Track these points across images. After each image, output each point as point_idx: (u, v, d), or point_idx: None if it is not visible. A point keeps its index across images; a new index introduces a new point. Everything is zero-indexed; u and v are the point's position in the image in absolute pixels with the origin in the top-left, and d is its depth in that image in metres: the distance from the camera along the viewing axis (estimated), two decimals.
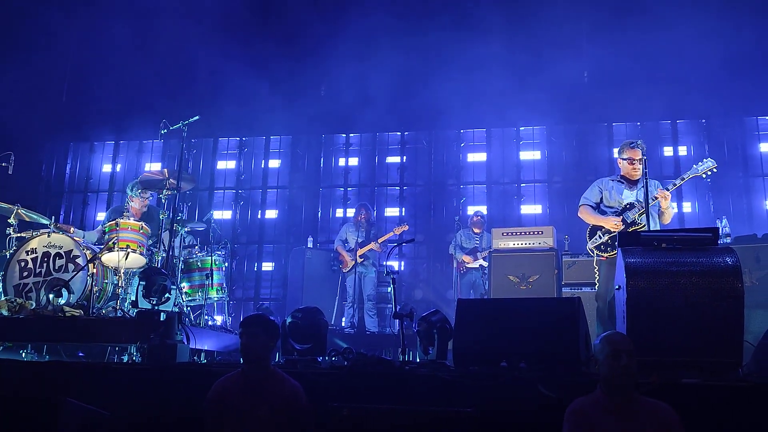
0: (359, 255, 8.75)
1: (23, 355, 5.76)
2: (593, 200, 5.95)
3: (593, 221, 5.86)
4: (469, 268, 8.63)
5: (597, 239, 5.79)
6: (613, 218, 5.73)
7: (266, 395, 3.50)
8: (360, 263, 8.78)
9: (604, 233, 5.76)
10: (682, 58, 9.25)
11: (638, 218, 5.62)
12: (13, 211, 6.54)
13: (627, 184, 5.87)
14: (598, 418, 3.11)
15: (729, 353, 3.77)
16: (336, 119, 11.01)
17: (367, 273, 8.86)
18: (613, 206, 5.84)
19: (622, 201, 5.81)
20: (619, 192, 5.85)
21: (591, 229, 5.89)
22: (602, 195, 5.93)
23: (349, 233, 9.03)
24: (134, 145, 12.22)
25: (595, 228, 5.84)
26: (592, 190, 6.00)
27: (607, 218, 5.76)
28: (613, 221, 5.70)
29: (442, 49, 10.00)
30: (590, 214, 5.89)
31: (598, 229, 5.82)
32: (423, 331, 4.60)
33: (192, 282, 7.01)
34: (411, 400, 3.72)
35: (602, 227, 5.79)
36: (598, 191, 5.95)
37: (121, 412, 3.77)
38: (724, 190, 9.87)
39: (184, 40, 10.20)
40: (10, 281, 6.24)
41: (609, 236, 5.71)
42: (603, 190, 5.93)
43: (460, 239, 8.89)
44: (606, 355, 3.14)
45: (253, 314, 3.83)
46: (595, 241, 5.80)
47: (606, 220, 5.76)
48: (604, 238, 5.75)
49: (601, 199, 5.93)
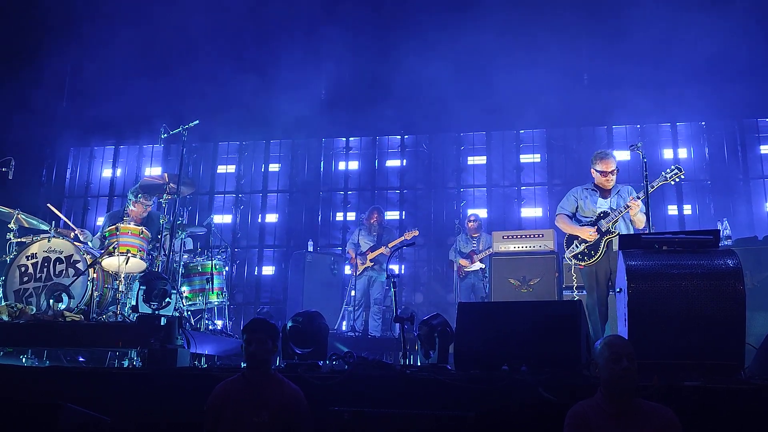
0: (370, 259, 8.72)
1: (24, 360, 5.75)
2: (569, 210, 6.00)
3: (569, 231, 5.91)
4: (468, 272, 8.62)
5: (574, 248, 5.85)
6: (588, 228, 5.78)
7: (267, 399, 3.50)
8: (371, 267, 8.76)
9: (581, 242, 5.81)
10: (681, 60, 9.25)
11: (612, 226, 5.70)
12: (14, 216, 6.55)
13: (601, 192, 5.92)
14: (599, 421, 3.10)
15: (731, 356, 3.76)
16: (336, 123, 11.02)
17: (378, 277, 8.82)
18: (588, 215, 5.90)
19: (596, 210, 5.86)
20: (593, 201, 5.90)
21: (568, 238, 5.95)
22: (578, 204, 5.97)
23: (361, 237, 8.97)
24: (134, 149, 12.23)
25: (572, 237, 5.90)
26: (568, 200, 6.06)
27: (582, 228, 5.82)
28: (588, 231, 5.76)
29: (441, 52, 10.00)
30: (567, 223, 5.94)
31: (575, 238, 5.87)
32: (424, 335, 4.59)
33: (192, 286, 7.00)
34: (412, 404, 3.71)
35: (578, 237, 5.83)
36: (574, 200, 6.01)
37: (121, 417, 3.76)
38: (725, 193, 9.88)
39: (183, 45, 10.22)
40: (11, 286, 6.23)
41: (585, 245, 5.77)
42: (578, 199, 5.98)
43: (458, 244, 8.91)
44: (606, 358, 3.14)
45: (256, 319, 3.80)
46: (572, 250, 5.86)
47: (581, 230, 5.81)
48: (580, 247, 5.80)
49: (577, 208, 5.97)
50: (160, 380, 4.32)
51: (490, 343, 4.11)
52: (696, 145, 10.45)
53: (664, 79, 9.54)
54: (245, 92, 10.39)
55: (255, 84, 10.35)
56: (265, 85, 10.48)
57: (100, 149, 12.39)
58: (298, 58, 10.73)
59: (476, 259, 8.60)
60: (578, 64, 10.18)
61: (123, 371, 5.31)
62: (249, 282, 11.43)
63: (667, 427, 3.05)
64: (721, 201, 9.83)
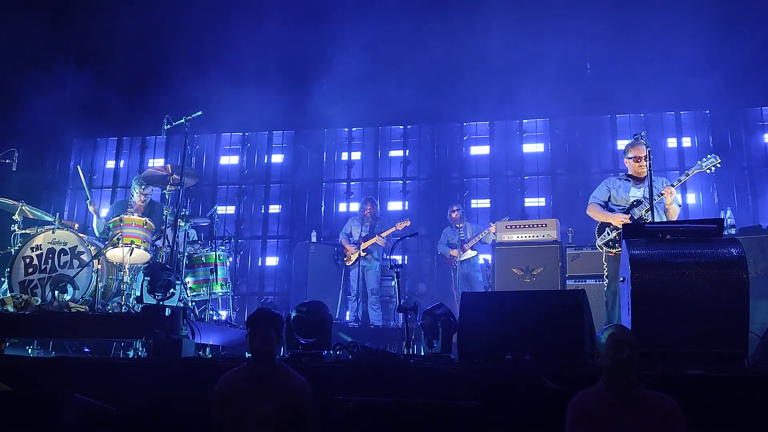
0: (362, 249, 8.75)
1: (29, 351, 5.80)
2: (602, 199, 6.07)
3: (601, 218, 5.96)
4: (462, 261, 8.62)
5: (605, 236, 5.89)
6: (621, 215, 5.82)
7: (272, 390, 3.52)
8: (363, 257, 8.79)
9: (612, 230, 5.85)
10: (685, 48, 9.19)
11: (645, 214, 5.71)
12: (18, 208, 6.56)
13: (634, 182, 5.97)
14: (601, 410, 3.12)
15: (734, 344, 3.76)
16: (338, 113, 11.00)
17: (371, 267, 8.86)
18: (621, 204, 5.95)
19: (629, 199, 5.91)
20: (626, 190, 5.96)
21: (600, 226, 6.00)
22: (610, 194, 6.04)
23: (353, 227, 9.04)
24: (137, 141, 12.24)
25: (604, 225, 5.95)
26: (600, 189, 6.13)
27: (614, 215, 5.86)
28: (621, 218, 5.79)
29: (443, 42, 9.96)
30: (599, 211, 6.00)
31: (606, 226, 5.92)
32: (427, 325, 4.61)
33: (196, 277, 7.02)
34: (415, 394, 3.73)
35: (610, 224, 5.88)
36: (606, 190, 6.07)
37: (127, 407, 3.79)
38: (729, 181, 9.85)
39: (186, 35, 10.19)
40: (16, 278, 6.26)
41: (617, 232, 5.80)
42: (611, 188, 6.05)
43: (445, 236, 8.93)
44: (608, 347, 3.16)
45: (259, 311, 3.78)
46: (604, 237, 5.91)
47: (614, 217, 5.85)
48: (612, 234, 5.85)
49: (609, 197, 6.04)
50: (164, 370, 4.35)
51: (493, 332, 4.12)
52: (700, 133, 10.39)
53: (668, 67, 9.49)
54: (247, 83, 10.36)
55: (257, 74, 10.32)
56: (267, 75, 10.46)
57: (103, 141, 12.40)
58: (299, 48, 10.71)
59: (467, 247, 8.60)
60: (582, 53, 10.12)
61: (128, 361, 5.35)
62: (253, 272, 11.46)
63: (670, 416, 3.06)
64: (724, 190, 9.80)
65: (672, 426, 3.04)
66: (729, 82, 9.16)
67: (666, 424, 3.04)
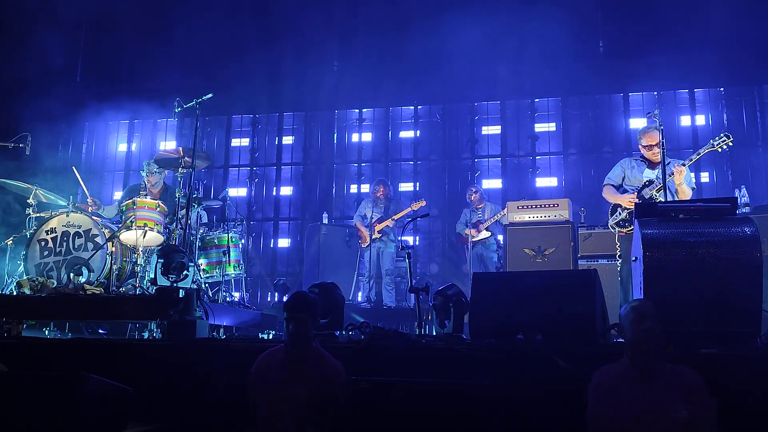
0: (377, 230, 8.76)
1: (46, 332, 5.88)
2: (616, 180, 6.22)
3: (612, 200, 6.16)
4: (475, 242, 8.61)
5: (617, 216, 6.08)
6: (629, 196, 5.98)
7: (306, 375, 3.50)
8: (379, 239, 8.80)
9: (623, 210, 6.02)
10: (698, 25, 9.05)
11: (656, 194, 5.81)
12: (32, 192, 6.63)
13: (648, 163, 6.08)
14: (624, 387, 3.14)
15: (747, 323, 3.75)
16: (349, 94, 10.96)
17: (386, 248, 8.86)
18: (634, 184, 6.08)
19: (642, 179, 6.02)
20: (640, 171, 6.08)
21: (612, 207, 6.17)
22: (624, 174, 6.18)
23: (367, 209, 9.02)
24: (149, 123, 12.27)
25: (616, 206, 6.12)
26: (614, 171, 6.27)
27: (623, 196, 6.03)
28: (628, 198, 5.95)
29: (453, 21, 9.87)
30: (611, 193, 6.18)
31: (618, 206, 6.08)
32: (439, 305, 4.63)
33: (209, 259, 7.08)
34: (427, 373, 3.75)
35: (621, 204, 6.03)
36: (621, 171, 6.21)
37: (142, 388, 3.84)
38: (743, 160, 9.75)
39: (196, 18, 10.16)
40: (32, 260, 6.35)
41: (627, 212, 5.96)
42: (625, 169, 6.19)
43: (465, 217, 8.92)
44: (630, 320, 3.20)
45: (297, 296, 3.71)
46: (615, 218, 6.09)
47: (622, 197, 6.03)
48: (623, 214, 6.02)
49: (624, 178, 6.18)
50: (179, 351, 4.40)
51: (505, 312, 4.12)
52: (714, 111, 10.27)
53: (682, 44, 9.36)
54: (258, 64, 10.34)
55: (267, 56, 10.29)
56: (278, 57, 10.42)
57: (115, 124, 12.43)
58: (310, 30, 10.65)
59: (482, 228, 8.60)
60: (594, 30, 10.00)
61: (143, 342, 5.41)
62: (265, 254, 11.53)
63: (692, 387, 3.08)
64: (739, 168, 9.71)
65: (696, 399, 3.05)
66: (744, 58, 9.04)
67: (690, 398, 3.05)
